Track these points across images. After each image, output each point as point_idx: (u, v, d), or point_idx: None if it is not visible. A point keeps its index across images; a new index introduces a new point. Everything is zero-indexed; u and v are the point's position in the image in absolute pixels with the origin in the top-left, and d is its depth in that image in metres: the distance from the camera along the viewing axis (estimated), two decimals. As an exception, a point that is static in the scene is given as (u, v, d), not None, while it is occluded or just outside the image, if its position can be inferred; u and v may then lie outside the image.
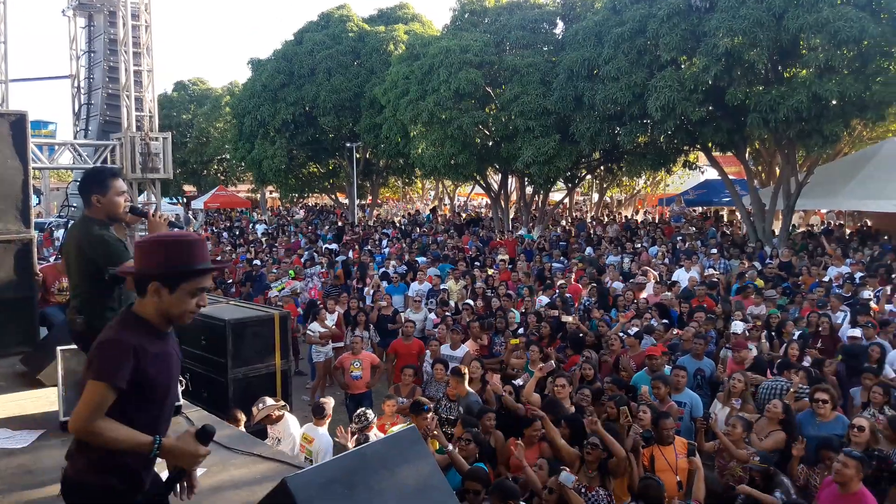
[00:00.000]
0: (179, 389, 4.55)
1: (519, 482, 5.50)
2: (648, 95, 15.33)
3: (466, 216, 31.04)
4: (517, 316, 10.91)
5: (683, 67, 15.54)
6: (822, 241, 16.09)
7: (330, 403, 6.85)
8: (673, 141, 17.86)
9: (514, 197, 26.15)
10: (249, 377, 6.82)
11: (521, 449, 5.63)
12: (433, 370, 8.14)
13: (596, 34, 17.11)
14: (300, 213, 35.49)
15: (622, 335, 9.28)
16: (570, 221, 27.88)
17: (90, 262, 4.00)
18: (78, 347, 4.52)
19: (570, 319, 10.14)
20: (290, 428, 6.49)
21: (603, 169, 25.06)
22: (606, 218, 27.07)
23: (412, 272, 15.10)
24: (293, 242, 23.27)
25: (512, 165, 20.46)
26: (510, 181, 24.78)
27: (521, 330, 10.31)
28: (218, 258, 17.88)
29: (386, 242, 21.37)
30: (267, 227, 29.36)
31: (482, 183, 24.22)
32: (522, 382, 7.43)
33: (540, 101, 18.33)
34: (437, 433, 5.81)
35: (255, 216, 35.84)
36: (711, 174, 24.71)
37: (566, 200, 29.95)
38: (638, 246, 17.23)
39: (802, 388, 7.05)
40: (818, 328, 9.28)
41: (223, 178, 40.86)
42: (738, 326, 9.04)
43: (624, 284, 13.20)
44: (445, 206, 38.32)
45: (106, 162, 8.46)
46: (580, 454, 5.65)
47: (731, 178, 19.22)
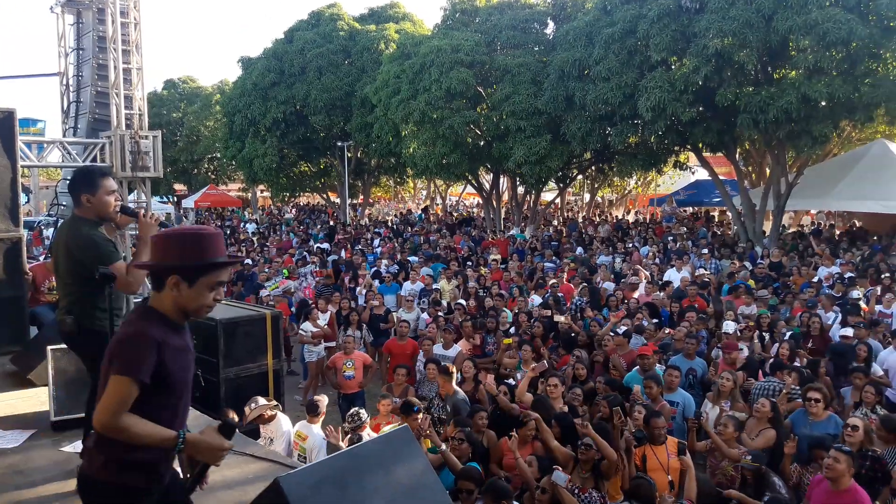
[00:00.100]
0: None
1: (511, 482, 5.51)
2: (639, 96, 15.37)
3: (458, 216, 31.04)
4: (509, 315, 10.93)
5: (674, 68, 15.59)
6: (811, 241, 16.20)
7: (324, 401, 6.84)
8: (663, 141, 17.92)
9: (505, 197, 26.17)
10: (241, 377, 6.79)
11: (515, 440, 5.63)
12: (425, 370, 8.13)
13: (587, 34, 17.14)
14: (291, 212, 35.40)
15: (611, 334, 9.31)
16: (561, 221, 27.93)
17: (79, 262, 3.98)
18: (68, 347, 4.50)
19: (562, 319, 10.16)
20: (282, 427, 6.49)
21: (594, 169, 25.11)
22: (598, 218, 27.13)
23: (404, 272, 15.09)
24: (284, 241, 23.22)
25: (503, 165, 20.48)
26: (502, 181, 24.80)
27: (512, 329, 10.32)
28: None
29: (378, 242, 21.34)
30: (258, 226, 29.26)
31: (474, 182, 24.24)
32: (515, 382, 7.45)
33: (531, 101, 18.36)
34: (430, 432, 5.81)
35: (246, 215, 35.73)
36: (702, 174, 24.79)
37: (558, 200, 29.97)
38: (629, 246, 17.30)
39: (795, 388, 7.09)
40: (809, 328, 9.33)
41: (214, 176, 40.73)
42: (729, 326, 9.07)
43: (615, 284, 13.25)
44: (437, 205, 38.29)
45: (95, 160, 8.40)
46: (573, 454, 5.66)
47: (721, 178, 19.32)
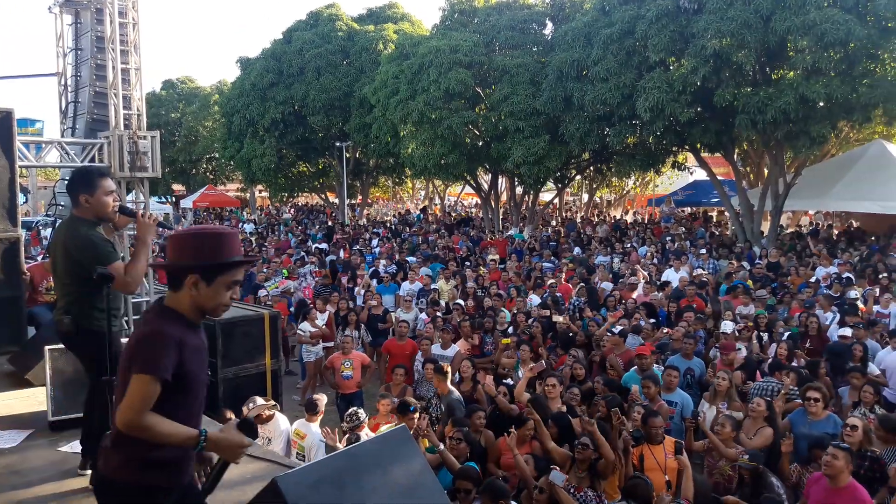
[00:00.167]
0: None
1: (509, 481, 5.51)
2: (637, 96, 15.39)
3: (457, 216, 31.05)
4: (507, 315, 10.93)
5: (672, 69, 15.61)
6: (809, 241, 16.22)
7: (323, 400, 6.86)
8: (662, 142, 17.94)
9: (504, 197, 26.17)
10: (239, 377, 6.79)
11: (514, 437, 5.63)
12: (423, 370, 8.13)
13: (585, 35, 17.15)
14: (289, 212, 35.37)
15: (608, 334, 9.30)
16: (560, 221, 27.94)
17: (77, 262, 3.98)
18: (65, 347, 4.50)
19: (560, 319, 10.17)
20: (280, 427, 6.49)
21: (592, 169, 25.13)
22: (596, 218, 27.15)
23: (402, 272, 15.10)
24: (282, 241, 23.21)
25: (502, 165, 20.49)
26: (500, 181, 24.82)
27: (510, 329, 10.32)
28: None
29: (376, 242, 21.33)
30: (256, 226, 29.24)
31: (472, 183, 24.24)
32: (513, 382, 7.45)
33: (529, 101, 18.37)
34: (428, 432, 5.81)
35: (244, 215, 35.70)
36: (700, 175, 24.83)
37: (556, 201, 30.00)
38: (627, 246, 17.31)
39: (793, 389, 7.09)
40: (807, 328, 9.34)
41: (212, 177, 40.69)
42: (727, 326, 9.08)
43: (613, 284, 13.26)
44: (436, 205, 38.30)
45: (93, 160, 8.39)
46: (570, 454, 5.66)
47: (719, 178, 19.32)
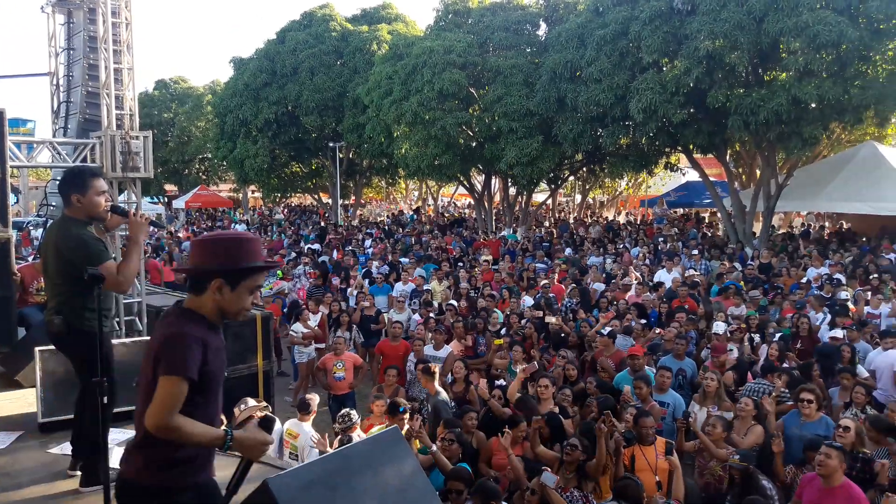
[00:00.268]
0: None
1: (500, 482, 5.52)
2: (630, 97, 15.42)
3: (450, 217, 31.05)
4: (500, 316, 10.93)
5: (665, 70, 15.65)
6: (800, 242, 16.29)
7: (315, 400, 6.84)
8: (655, 143, 18.00)
9: (497, 198, 26.19)
10: (231, 378, 6.76)
11: (508, 437, 5.64)
12: (416, 371, 8.12)
13: (578, 36, 17.18)
14: (282, 212, 35.29)
15: (598, 336, 9.31)
16: (553, 222, 27.97)
17: (68, 262, 3.97)
18: (56, 348, 4.47)
19: (553, 320, 10.17)
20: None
21: (585, 170, 25.17)
22: (589, 219, 27.19)
23: (395, 272, 15.09)
24: (275, 242, 23.15)
25: (495, 166, 20.51)
26: (493, 182, 24.83)
27: (503, 330, 10.33)
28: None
29: (369, 243, 21.31)
30: (248, 227, 29.17)
31: (466, 183, 24.25)
32: (505, 383, 7.46)
33: (523, 102, 18.39)
34: (421, 433, 5.81)
35: (237, 216, 35.62)
36: (693, 176, 24.88)
37: (549, 201, 30.05)
38: (620, 247, 17.34)
39: (784, 392, 7.12)
40: (798, 329, 9.37)
41: (205, 177, 40.60)
42: (719, 327, 9.10)
43: (605, 285, 13.27)
44: (429, 206, 38.30)
45: (85, 160, 8.33)
46: (559, 456, 5.67)
47: (712, 179, 19.40)
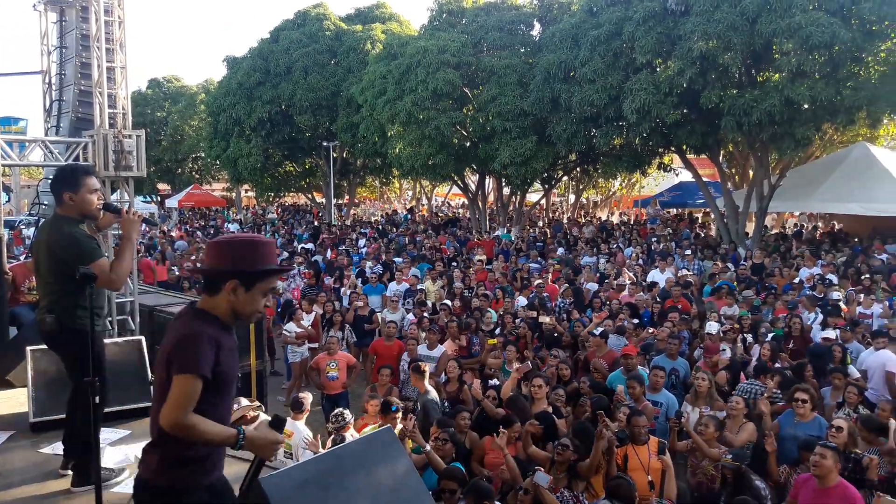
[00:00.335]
0: None
1: (492, 481, 5.52)
2: (624, 98, 15.46)
3: (444, 216, 31.05)
4: (494, 316, 10.93)
5: (659, 70, 15.69)
6: (793, 242, 16.35)
7: (308, 398, 6.84)
8: (648, 143, 18.04)
9: (491, 198, 26.21)
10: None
11: (503, 436, 5.64)
12: (409, 370, 8.11)
13: (572, 36, 17.20)
14: (275, 212, 35.21)
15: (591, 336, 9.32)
16: (546, 222, 28.02)
17: (61, 260, 3.95)
18: (48, 347, 4.45)
19: (547, 320, 10.18)
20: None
21: (579, 170, 25.22)
22: (583, 219, 27.23)
23: (389, 272, 15.07)
24: (268, 242, 23.05)
25: (489, 166, 20.52)
26: (487, 182, 24.84)
27: (497, 330, 10.33)
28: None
29: (363, 242, 21.28)
30: (241, 226, 29.08)
31: (459, 183, 24.25)
32: (498, 382, 7.46)
33: (517, 102, 18.41)
34: (414, 433, 5.81)
35: (230, 215, 35.52)
36: (686, 176, 24.97)
37: (543, 201, 30.09)
38: (613, 247, 17.38)
39: (776, 392, 7.14)
40: (790, 329, 9.40)
41: (198, 176, 40.46)
42: (712, 327, 9.12)
43: (599, 285, 13.29)
44: (423, 206, 38.30)
45: (78, 159, 8.29)
46: (550, 456, 5.68)
47: (705, 180, 19.45)
